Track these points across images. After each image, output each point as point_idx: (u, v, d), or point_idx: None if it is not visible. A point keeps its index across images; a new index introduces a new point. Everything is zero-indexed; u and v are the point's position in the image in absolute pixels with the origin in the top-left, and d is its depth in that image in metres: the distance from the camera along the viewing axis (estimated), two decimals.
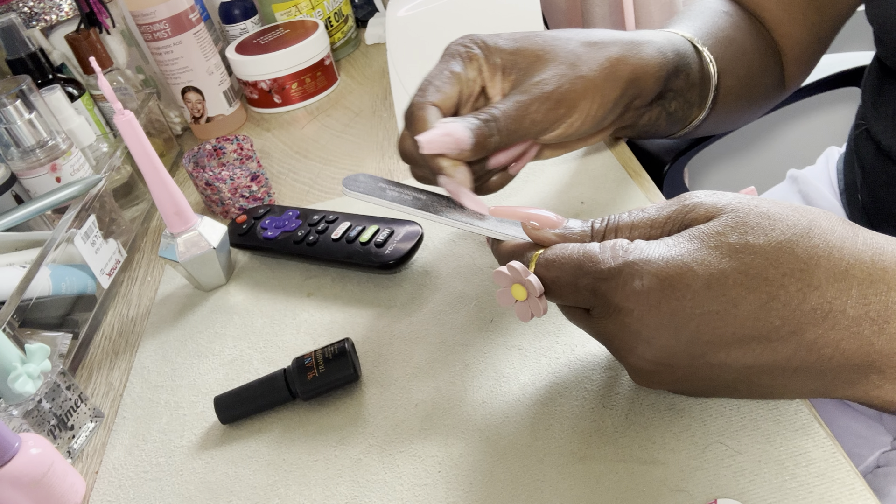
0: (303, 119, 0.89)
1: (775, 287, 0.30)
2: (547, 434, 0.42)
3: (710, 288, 0.31)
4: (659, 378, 0.35)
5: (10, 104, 0.65)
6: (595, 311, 0.34)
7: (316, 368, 0.48)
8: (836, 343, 0.31)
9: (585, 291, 0.34)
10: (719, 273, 0.31)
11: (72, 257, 0.61)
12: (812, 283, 0.31)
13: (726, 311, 0.31)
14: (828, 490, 0.36)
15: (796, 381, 0.33)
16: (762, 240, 0.31)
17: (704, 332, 0.31)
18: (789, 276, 0.31)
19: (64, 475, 0.45)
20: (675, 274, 0.31)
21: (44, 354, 0.49)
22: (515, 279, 0.36)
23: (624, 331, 0.33)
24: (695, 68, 0.51)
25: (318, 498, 0.43)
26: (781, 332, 0.31)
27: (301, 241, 0.60)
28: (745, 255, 0.31)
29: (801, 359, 0.31)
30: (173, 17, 0.80)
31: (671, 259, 0.31)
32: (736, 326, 0.31)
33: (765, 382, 0.33)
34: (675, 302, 0.31)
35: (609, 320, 0.33)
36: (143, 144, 0.55)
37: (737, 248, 0.31)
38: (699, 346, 0.32)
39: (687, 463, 0.39)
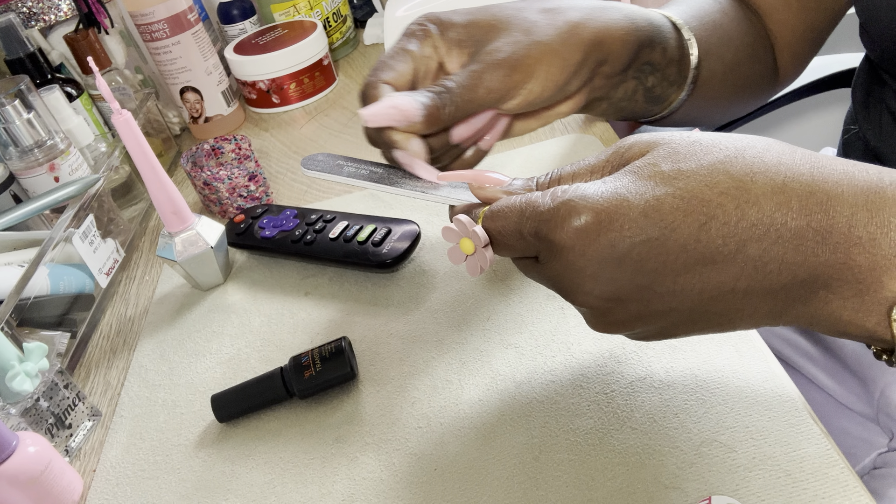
0: (301, 119, 0.89)
1: (712, 207, 0.30)
2: (542, 432, 0.42)
3: (646, 216, 0.31)
4: (614, 317, 0.34)
5: (8, 104, 0.65)
6: (541, 256, 0.34)
7: (313, 367, 0.48)
8: (781, 258, 0.30)
9: (529, 237, 0.34)
10: (654, 200, 0.31)
11: (70, 257, 0.61)
12: (749, 198, 0.30)
13: (666, 237, 0.31)
14: (822, 487, 0.36)
15: (749, 304, 0.32)
16: (695, 164, 0.31)
17: (648, 260, 0.31)
18: (725, 195, 0.30)
19: (62, 473, 0.46)
20: (611, 206, 0.31)
21: (42, 353, 0.49)
22: (463, 233, 0.37)
23: (569, 269, 0.33)
24: (672, 44, 0.50)
25: (314, 496, 0.43)
26: (724, 252, 0.30)
27: (298, 240, 0.60)
28: (678, 181, 0.31)
29: (748, 277, 0.31)
30: (172, 17, 0.81)
31: (606, 192, 0.32)
32: (678, 251, 0.31)
33: (718, 309, 0.32)
34: (614, 233, 0.31)
35: (555, 262, 0.33)
36: (141, 144, 0.55)
37: (670, 175, 0.31)
38: (645, 276, 0.31)
39: (681, 460, 0.39)
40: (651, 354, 0.45)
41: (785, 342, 0.64)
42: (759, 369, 0.42)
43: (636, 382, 0.44)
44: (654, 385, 0.43)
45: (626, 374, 0.44)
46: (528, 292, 0.52)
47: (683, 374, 0.43)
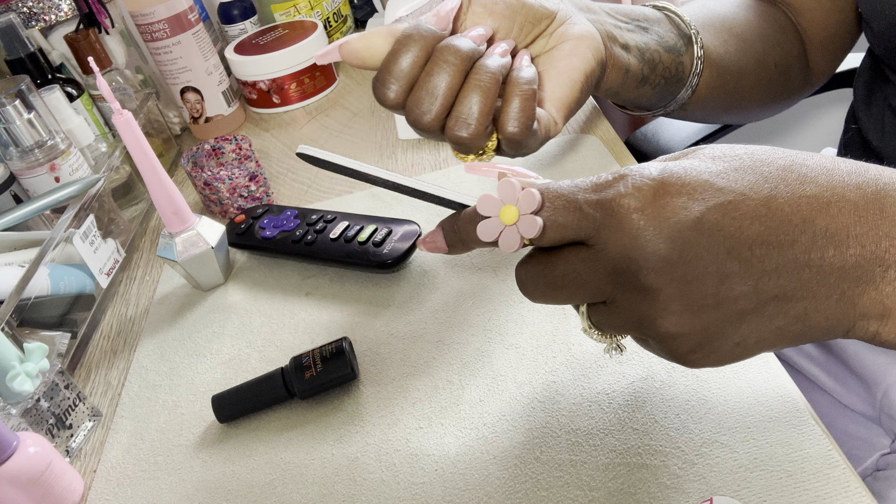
0: (301, 119, 0.89)
1: (773, 181, 0.30)
2: (543, 432, 0.42)
3: (715, 183, 0.30)
4: (691, 300, 0.30)
5: (9, 104, 0.65)
6: (601, 234, 0.31)
7: (314, 367, 0.48)
8: (847, 229, 0.30)
9: (588, 208, 0.31)
10: (719, 171, 0.31)
11: (70, 257, 0.61)
12: (807, 175, 0.30)
13: (739, 202, 0.30)
14: (823, 488, 0.36)
15: (822, 282, 0.30)
16: (743, 150, 0.32)
17: (724, 225, 0.29)
18: (783, 171, 0.30)
19: (62, 474, 0.46)
20: (679, 171, 0.30)
21: (42, 353, 0.49)
22: (507, 198, 0.32)
23: (640, 237, 0.29)
24: (679, 46, 0.51)
25: (315, 496, 0.43)
26: (794, 221, 0.30)
27: (299, 240, 0.60)
28: (736, 159, 0.31)
29: (820, 248, 0.30)
30: (172, 17, 0.81)
31: (670, 164, 0.31)
32: (752, 218, 0.30)
33: (792, 288, 0.30)
34: (685, 196, 0.30)
35: (621, 234, 0.30)
36: (141, 144, 0.55)
37: (727, 155, 0.31)
38: (724, 242, 0.29)
39: (683, 461, 0.39)
40: (652, 355, 0.45)
41: None
42: (761, 370, 0.42)
43: (637, 383, 0.44)
44: (655, 385, 0.43)
45: (627, 374, 0.44)
46: None
47: (684, 374, 0.43)
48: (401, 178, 0.38)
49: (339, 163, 0.39)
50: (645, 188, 0.30)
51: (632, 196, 0.30)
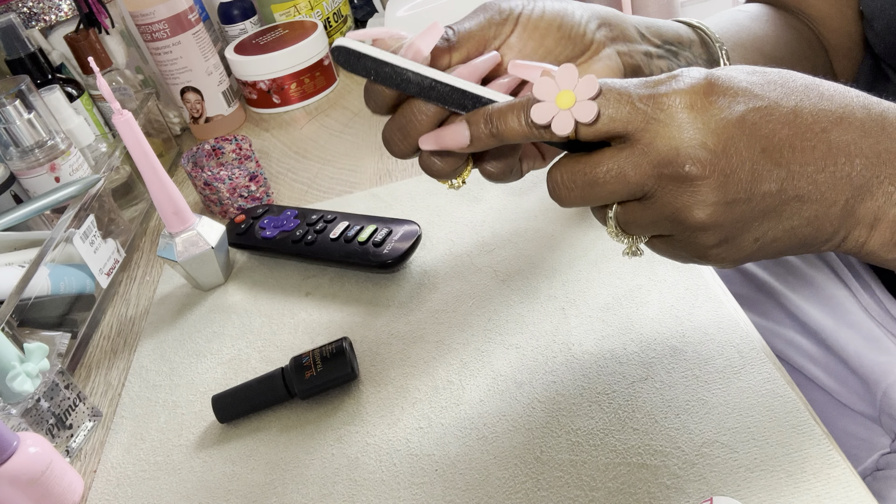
0: (301, 119, 0.89)
1: (798, 95, 0.33)
2: (544, 433, 0.42)
3: (752, 90, 0.33)
4: (727, 192, 0.32)
5: (9, 104, 0.65)
6: (649, 127, 0.32)
7: (314, 367, 0.48)
8: (855, 142, 0.33)
9: (640, 102, 0.32)
10: (753, 82, 0.33)
11: (70, 257, 0.61)
12: (824, 93, 0.34)
13: (772, 108, 0.33)
14: (823, 488, 0.36)
15: (830, 191, 0.33)
16: (772, 69, 0.35)
17: (761, 125, 0.32)
18: (806, 87, 0.34)
19: (62, 474, 0.46)
20: (721, 76, 0.33)
21: (42, 353, 0.49)
22: (564, 84, 0.33)
23: (688, 128, 0.32)
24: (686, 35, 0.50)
25: (315, 496, 0.43)
26: (815, 130, 0.33)
27: (299, 240, 0.60)
28: (764, 74, 0.34)
29: (833, 157, 0.33)
30: (172, 17, 0.81)
31: (713, 71, 0.33)
32: (783, 124, 0.33)
33: (808, 192, 0.33)
34: (729, 97, 0.32)
35: (669, 126, 0.32)
36: (141, 144, 0.55)
37: (755, 70, 0.34)
38: (759, 140, 0.32)
39: (683, 461, 0.39)
40: (652, 355, 0.45)
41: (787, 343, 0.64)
42: (761, 370, 0.42)
43: (637, 383, 0.44)
44: (655, 385, 0.43)
45: (628, 374, 0.44)
46: (530, 293, 0.52)
47: (685, 374, 0.43)
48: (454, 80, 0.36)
49: (379, 57, 0.36)
50: (696, 86, 0.32)
51: (683, 93, 0.32)
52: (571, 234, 0.57)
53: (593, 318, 0.49)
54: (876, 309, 0.59)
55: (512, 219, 0.60)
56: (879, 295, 0.60)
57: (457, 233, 0.60)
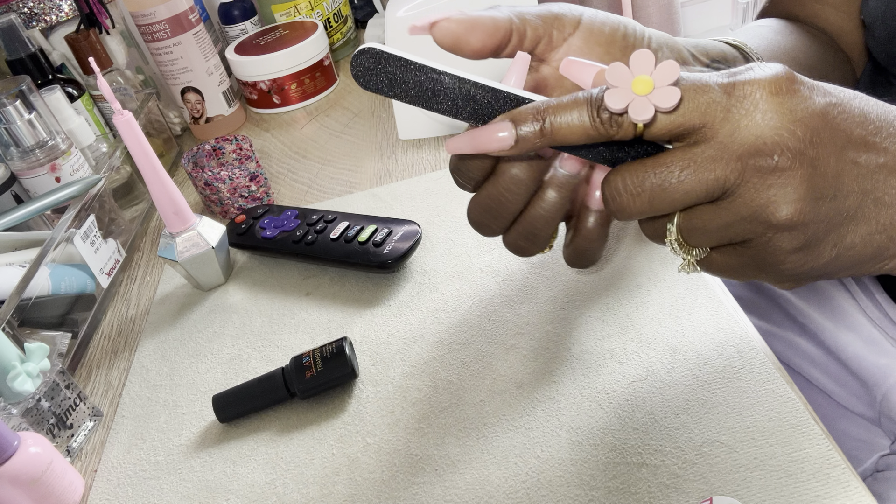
0: (302, 119, 0.89)
1: (860, 99, 0.32)
2: (544, 432, 0.42)
3: (822, 86, 0.32)
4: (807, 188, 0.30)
5: (9, 104, 0.65)
6: (730, 117, 0.30)
7: (314, 367, 0.48)
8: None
9: (717, 88, 0.30)
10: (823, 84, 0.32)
11: (71, 257, 0.62)
12: (879, 102, 0.33)
13: (844, 105, 0.31)
14: (823, 488, 0.36)
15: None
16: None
17: (838, 119, 0.31)
18: (863, 96, 0.33)
19: (63, 474, 0.46)
20: (794, 74, 0.31)
21: (43, 353, 0.49)
22: (640, 70, 0.30)
23: (775, 114, 0.30)
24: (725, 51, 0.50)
25: (315, 496, 0.43)
26: (885, 132, 0.32)
27: (300, 240, 0.60)
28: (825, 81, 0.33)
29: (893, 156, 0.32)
30: (173, 17, 0.81)
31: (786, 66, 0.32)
32: (856, 122, 0.31)
33: (884, 194, 0.32)
34: (808, 90, 0.31)
35: (754, 113, 0.30)
36: (142, 144, 0.55)
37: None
38: (839, 135, 0.31)
39: (683, 460, 0.39)
40: (652, 354, 0.45)
41: (786, 345, 0.64)
42: (760, 370, 0.42)
43: (637, 382, 0.44)
44: (655, 385, 0.43)
45: (628, 374, 0.44)
46: (530, 293, 0.52)
47: (685, 374, 0.43)
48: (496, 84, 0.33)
49: (411, 59, 0.32)
50: (779, 74, 0.30)
51: (765, 81, 0.30)
52: None
53: (593, 318, 0.49)
54: (875, 312, 0.59)
55: None
56: (879, 298, 0.60)
57: (457, 233, 0.60)
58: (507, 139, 0.31)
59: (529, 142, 0.31)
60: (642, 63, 0.30)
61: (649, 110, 0.30)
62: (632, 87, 0.30)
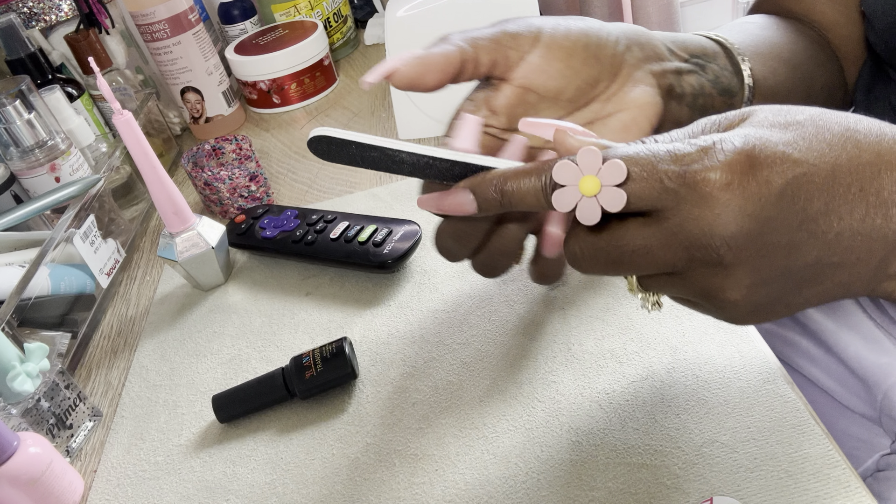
0: (302, 119, 0.89)
1: (835, 150, 0.31)
2: (544, 432, 0.42)
3: (789, 155, 0.30)
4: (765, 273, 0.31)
5: (9, 104, 0.65)
6: (682, 209, 0.30)
7: (314, 367, 0.48)
8: (893, 197, 0.31)
9: (670, 181, 0.30)
10: (791, 142, 0.31)
11: (71, 257, 0.61)
12: (861, 143, 0.31)
13: (811, 174, 0.30)
14: (823, 488, 0.36)
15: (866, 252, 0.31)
16: (802, 115, 0.32)
17: (798, 197, 0.30)
18: (842, 138, 0.31)
19: (62, 474, 0.46)
20: (759, 145, 0.30)
21: (43, 353, 0.49)
22: (588, 168, 0.30)
23: (726, 214, 0.29)
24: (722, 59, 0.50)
25: (315, 496, 0.43)
26: (853, 190, 0.31)
27: (299, 240, 0.60)
28: (799, 127, 0.31)
29: (871, 217, 0.31)
30: (172, 17, 0.81)
31: (748, 135, 0.30)
32: (821, 189, 0.30)
33: (844, 257, 0.31)
34: (767, 170, 0.30)
35: (704, 209, 0.29)
36: (141, 144, 0.55)
37: (788, 123, 0.31)
38: (796, 215, 0.30)
39: (683, 461, 0.39)
40: (652, 354, 0.45)
41: (787, 344, 0.64)
42: (761, 370, 0.42)
43: (637, 382, 0.44)
44: (655, 385, 0.43)
45: (628, 373, 0.44)
46: (530, 293, 0.52)
47: (685, 374, 0.43)
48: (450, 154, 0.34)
49: (366, 142, 0.34)
50: (733, 163, 0.29)
51: (719, 171, 0.29)
52: None
53: (593, 318, 0.49)
54: (876, 311, 0.59)
55: None
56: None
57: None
58: (469, 206, 0.34)
59: (490, 208, 0.33)
60: (589, 162, 0.30)
61: (596, 213, 0.31)
62: (579, 187, 0.31)
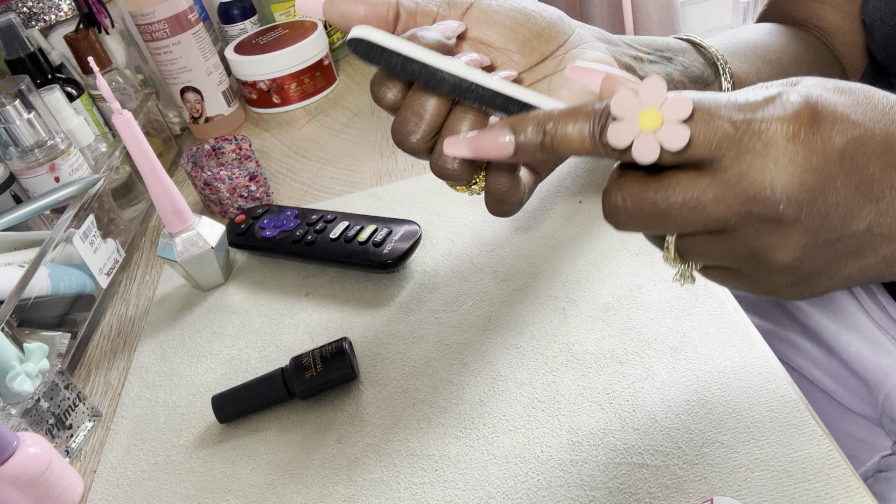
0: (301, 119, 0.89)
1: (889, 117, 0.30)
2: (544, 432, 0.42)
3: (848, 116, 0.29)
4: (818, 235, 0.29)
5: (8, 104, 0.65)
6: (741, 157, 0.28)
7: (314, 367, 0.48)
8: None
9: (730, 126, 0.28)
10: (845, 105, 0.30)
11: (70, 257, 0.61)
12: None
13: (868, 138, 0.29)
14: (824, 488, 0.36)
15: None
16: (853, 84, 0.31)
17: (857, 157, 0.29)
18: (891, 110, 0.30)
19: (62, 474, 0.46)
20: (821, 102, 0.29)
21: (42, 354, 0.49)
22: (650, 101, 0.28)
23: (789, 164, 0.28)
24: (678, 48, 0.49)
25: (315, 497, 0.43)
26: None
27: (299, 240, 0.60)
28: (850, 94, 0.30)
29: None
30: (172, 17, 0.81)
31: (810, 92, 0.29)
32: (877, 154, 0.29)
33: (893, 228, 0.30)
34: (830, 127, 0.29)
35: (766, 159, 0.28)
36: (141, 144, 0.55)
37: (840, 88, 0.30)
38: (854, 175, 0.29)
39: (683, 461, 0.39)
40: (652, 354, 0.45)
41: (788, 344, 0.64)
42: (761, 370, 0.42)
43: (638, 383, 0.44)
44: (655, 385, 0.43)
45: (628, 374, 0.44)
46: (530, 293, 0.52)
47: (685, 374, 0.43)
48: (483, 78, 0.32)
49: (408, 54, 0.32)
50: (801, 115, 0.28)
51: (786, 121, 0.28)
52: (572, 233, 0.57)
53: (593, 318, 0.49)
54: (878, 312, 0.59)
55: (512, 219, 0.60)
56: (881, 298, 0.60)
57: (457, 233, 0.60)
58: (507, 148, 0.31)
59: (528, 151, 0.30)
60: (652, 93, 0.28)
61: (654, 150, 0.28)
62: (638, 120, 0.28)
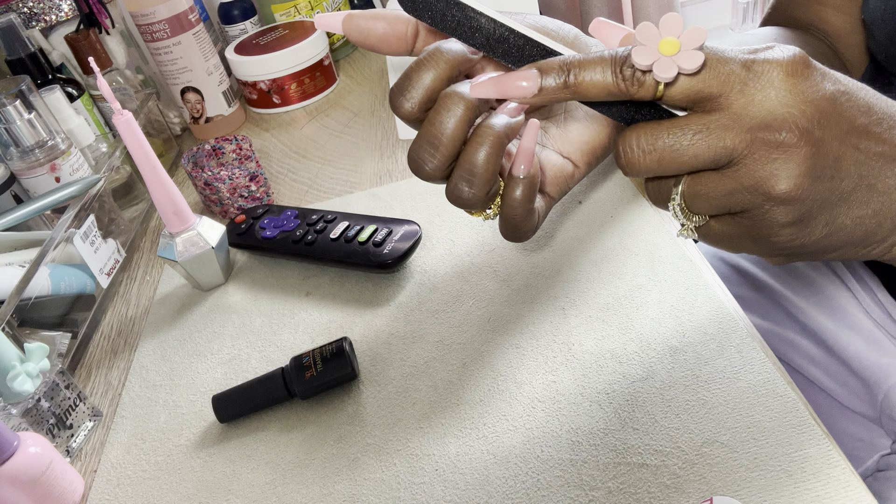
0: (302, 119, 0.89)
1: (866, 91, 0.34)
2: (544, 432, 0.42)
3: (834, 75, 0.33)
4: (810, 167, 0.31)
5: (9, 104, 0.65)
6: (747, 91, 0.31)
7: (314, 367, 0.48)
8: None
9: (736, 65, 0.31)
10: (835, 72, 0.33)
11: (71, 257, 0.61)
12: (882, 97, 0.34)
13: (854, 94, 0.33)
14: (823, 488, 0.36)
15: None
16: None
17: (847, 108, 0.32)
18: (870, 89, 0.34)
19: (62, 474, 0.46)
20: (811, 57, 0.32)
21: (43, 353, 0.49)
22: (669, 32, 0.31)
23: (788, 95, 0.31)
24: None
25: (315, 496, 0.43)
26: (885, 125, 0.33)
27: (299, 240, 0.60)
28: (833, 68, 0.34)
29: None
30: (172, 17, 0.81)
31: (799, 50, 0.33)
32: (862, 111, 0.33)
33: (879, 181, 0.33)
34: (821, 77, 0.32)
35: (769, 90, 0.31)
36: (141, 144, 0.55)
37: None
38: (844, 123, 0.32)
39: (683, 461, 0.39)
40: (652, 355, 0.45)
41: (787, 344, 0.64)
42: (761, 370, 0.42)
43: (637, 383, 0.44)
44: (655, 385, 0.43)
45: (628, 374, 0.44)
46: (529, 292, 0.52)
47: (685, 374, 0.43)
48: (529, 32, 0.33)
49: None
50: (796, 57, 0.31)
51: (782, 62, 0.31)
52: (572, 233, 0.57)
53: (593, 318, 0.49)
54: (877, 311, 0.59)
55: None
56: (880, 297, 0.60)
57: (457, 233, 0.60)
58: (531, 87, 0.32)
59: (552, 93, 0.32)
60: (671, 25, 0.31)
61: (672, 69, 0.31)
62: (659, 46, 0.31)
